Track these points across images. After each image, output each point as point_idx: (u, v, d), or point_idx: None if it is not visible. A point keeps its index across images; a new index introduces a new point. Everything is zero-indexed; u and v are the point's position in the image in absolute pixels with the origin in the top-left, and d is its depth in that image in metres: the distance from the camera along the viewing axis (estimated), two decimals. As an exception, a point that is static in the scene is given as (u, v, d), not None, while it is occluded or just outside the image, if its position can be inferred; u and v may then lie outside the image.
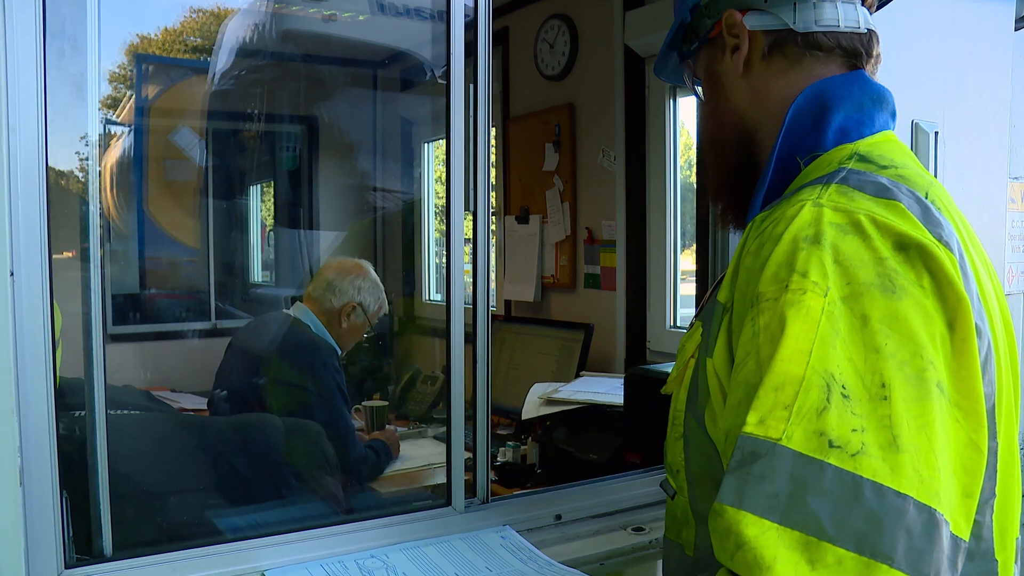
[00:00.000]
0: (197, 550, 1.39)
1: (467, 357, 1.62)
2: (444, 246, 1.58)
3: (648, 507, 1.78)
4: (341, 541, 1.49)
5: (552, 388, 2.94)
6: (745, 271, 0.99)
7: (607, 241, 3.43)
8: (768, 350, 0.89)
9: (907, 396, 0.86)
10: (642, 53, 3.19)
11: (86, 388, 1.34)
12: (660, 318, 3.29)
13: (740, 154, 1.21)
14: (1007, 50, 2.14)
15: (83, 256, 1.32)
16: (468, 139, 1.60)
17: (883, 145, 1.11)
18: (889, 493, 0.83)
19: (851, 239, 0.92)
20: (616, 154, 3.33)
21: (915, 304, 0.89)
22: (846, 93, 1.13)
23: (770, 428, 0.86)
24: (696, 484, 1.12)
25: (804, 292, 0.89)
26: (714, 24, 1.20)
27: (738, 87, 1.19)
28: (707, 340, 1.07)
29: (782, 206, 1.01)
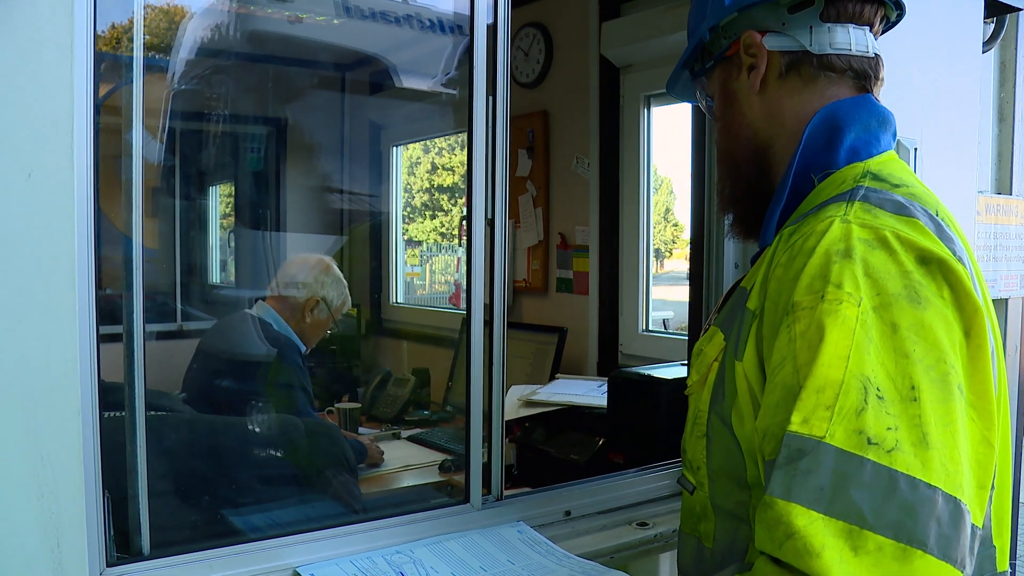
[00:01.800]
0: (230, 548, 1.42)
1: (484, 361, 1.67)
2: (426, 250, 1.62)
3: (652, 503, 1.85)
4: (367, 538, 1.53)
5: (530, 390, 3.01)
6: (776, 281, 1.07)
7: (580, 246, 3.51)
8: (806, 355, 0.97)
9: (934, 397, 0.94)
10: (617, 63, 3.28)
11: (126, 389, 1.36)
12: (632, 322, 3.38)
13: (754, 168, 1.28)
14: (975, 71, 2.27)
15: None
16: (488, 150, 1.65)
17: (890, 164, 1.19)
18: (921, 485, 0.92)
19: (879, 253, 1.01)
20: (590, 161, 3.41)
21: (938, 313, 0.98)
22: (856, 115, 1.20)
23: (814, 427, 0.94)
24: (717, 480, 1.19)
25: (840, 302, 0.97)
26: (731, 44, 1.27)
27: (753, 104, 1.26)
28: (735, 345, 1.14)
29: (810, 222, 1.09)
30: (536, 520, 1.70)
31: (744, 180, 1.30)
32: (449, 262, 5.13)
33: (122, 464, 1.36)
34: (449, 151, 4.98)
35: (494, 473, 1.68)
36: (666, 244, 4.82)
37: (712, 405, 1.18)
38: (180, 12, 3.70)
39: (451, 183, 5.01)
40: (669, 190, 4.58)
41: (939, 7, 2.10)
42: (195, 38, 3.74)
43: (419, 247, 5.11)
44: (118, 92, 1.39)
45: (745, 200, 1.31)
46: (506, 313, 1.71)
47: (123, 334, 1.35)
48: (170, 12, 3.66)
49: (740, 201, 1.32)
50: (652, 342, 3.31)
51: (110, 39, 1.44)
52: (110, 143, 1.32)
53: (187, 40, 3.78)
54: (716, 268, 2.01)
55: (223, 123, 4.10)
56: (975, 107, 2.28)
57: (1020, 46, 2.56)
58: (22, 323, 1.14)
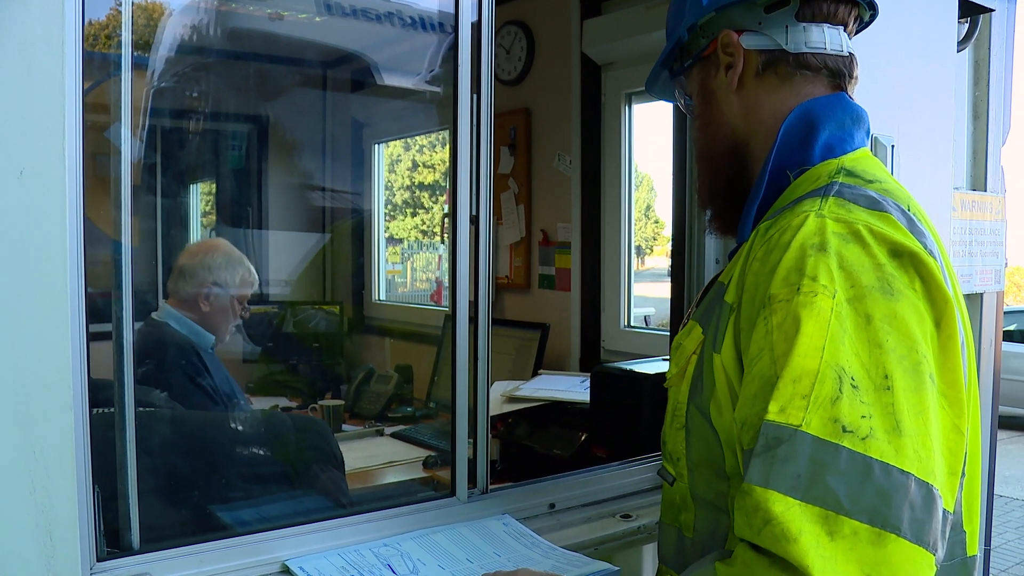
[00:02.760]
0: (219, 542, 1.44)
1: (470, 355, 1.69)
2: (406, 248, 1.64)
3: (635, 495, 1.88)
4: (354, 531, 1.55)
5: (513, 386, 3.03)
6: (753, 275, 1.10)
7: (562, 243, 3.53)
8: (783, 346, 1.01)
9: (906, 386, 0.98)
10: (599, 61, 3.31)
11: (115, 385, 1.37)
12: (614, 318, 3.41)
13: (732, 165, 1.31)
14: (950, 70, 2.31)
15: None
16: (472, 148, 1.67)
17: (863, 161, 1.23)
18: (894, 471, 0.95)
19: (852, 247, 1.04)
20: (571, 158, 3.43)
21: (910, 305, 1.02)
22: (830, 113, 1.23)
23: (790, 416, 0.97)
24: (696, 471, 1.22)
25: (815, 294, 1.00)
26: (709, 43, 1.30)
27: (731, 102, 1.29)
28: (713, 338, 1.17)
29: (786, 216, 1.12)
30: (521, 513, 1.72)
31: (723, 177, 1.33)
32: (430, 259, 5.14)
33: (112, 460, 1.37)
34: (430, 148, 4.99)
35: (479, 467, 1.71)
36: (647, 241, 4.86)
37: (691, 397, 1.21)
38: (160, 9, 3.68)
39: (432, 180, 5.03)
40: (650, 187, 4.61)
41: (915, 7, 2.14)
42: (176, 35, 3.73)
43: (400, 245, 5.12)
44: (98, 89, 1.40)
45: (724, 196, 1.34)
46: (490, 310, 1.73)
47: (112, 331, 1.36)
48: (149, 9, 3.65)
49: (719, 197, 1.35)
50: (634, 338, 3.34)
51: (88, 35, 1.45)
52: (90, 141, 1.33)
53: (167, 37, 3.76)
54: (697, 265, 2.04)
55: (204, 121, 4.09)
56: (950, 105, 2.32)
57: (993, 45, 2.60)
58: (15, 320, 1.15)
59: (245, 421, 1.91)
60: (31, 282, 1.16)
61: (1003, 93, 2.67)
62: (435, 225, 5.08)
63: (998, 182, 2.70)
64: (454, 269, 1.67)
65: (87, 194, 1.26)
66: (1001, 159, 2.70)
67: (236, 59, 3.88)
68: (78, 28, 1.20)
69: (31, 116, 1.15)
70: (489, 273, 1.71)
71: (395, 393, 3.40)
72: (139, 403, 1.42)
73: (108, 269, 1.36)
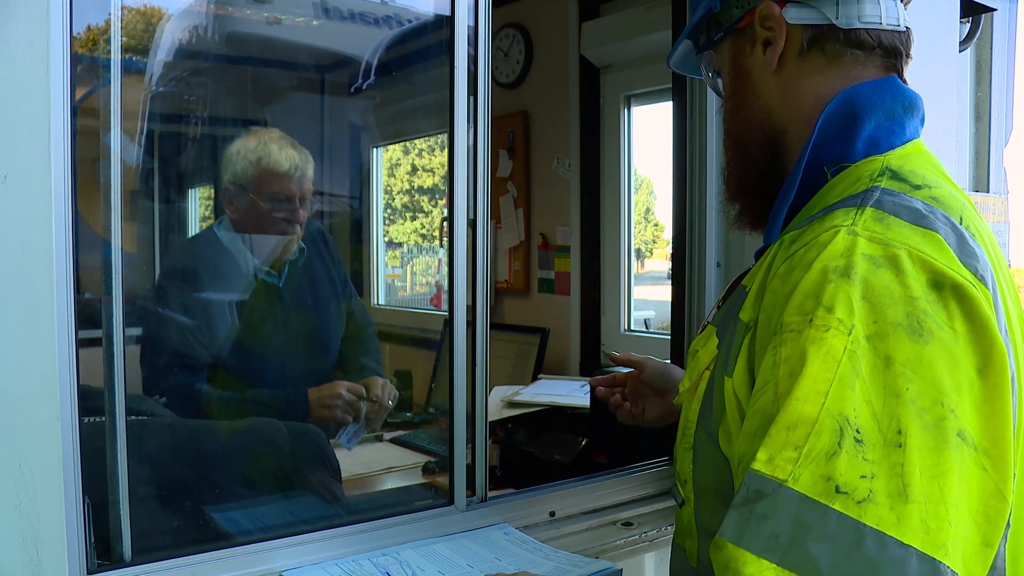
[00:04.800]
0: (213, 553, 1.41)
1: (468, 362, 1.67)
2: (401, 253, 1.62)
3: (636, 503, 1.86)
4: (352, 541, 1.52)
5: (512, 391, 3.00)
6: (772, 294, 0.98)
7: (561, 246, 3.51)
8: (786, 385, 0.89)
9: (923, 444, 0.84)
10: (597, 63, 3.29)
11: (106, 394, 1.34)
12: (614, 322, 3.39)
13: (766, 155, 1.16)
14: (952, 70, 2.29)
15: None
16: (469, 151, 1.65)
17: (914, 159, 1.07)
18: (892, 543, 0.82)
19: (884, 273, 0.90)
20: (571, 161, 3.41)
21: (942, 349, 0.87)
22: (877, 100, 1.08)
23: (777, 468, 0.85)
24: (702, 496, 1.12)
25: (827, 329, 0.88)
26: (744, 14, 1.15)
27: (768, 83, 1.14)
28: (726, 357, 1.05)
29: (814, 228, 0.98)
30: (521, 521, 1.70)
31: (754, 168, 1.18)
32: (430, 263, 5.12)
33: (103, 470, 1.34)
34: (429, 152, 4.97)
35: (478, 474, 1.68)
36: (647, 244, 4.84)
37: (700, 418, 1.11)
38: (158, 14, 3.66)
39: (431, 184, 5.00)
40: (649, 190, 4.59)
41: (917, 7, 2.11)
42: (173, 40, 3.71)
43: (400, 248, 5.09)
44: (96, 94, 1.38)
45: (754, 190, 1.20)
46: (488, 314, 1.70)
47: (103, 338, 1.34)
48: (147, 14, 3.63)
49: (749, 190, 1.21)
50: (634, 342, 3.32)
51: (87, 41, 1.43)
52: (89, 146, 1.31)
53: (165, 42, 3.75)
54: (698, 268, 2.02)
55: (202, 125, 4.07)
56: (953, 105, 2.30)
57: (995, 45, 2.58)
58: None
59: (237, 428, 1.88)
60: (15, 288, 1.13)
61: (1005, 93, 2.65)
62: (435, 229, 5.06)
63: (1001, 183, 2.68)
64: (451, 273, 1.65)
65: (84, 200, 1.24)
66: (1004, 160, 2.68)
67: (234, 63, 3.87)
68: (65, 30, 1.18)
69: (15, 120, 1.13)
70: (487, 277, 1.69)
71: (400, 399, 3.38)
72: (131, 411, 1.40)
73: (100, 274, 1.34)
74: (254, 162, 2.08)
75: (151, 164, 3.98)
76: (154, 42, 3.66)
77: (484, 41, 1.64)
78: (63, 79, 1.18)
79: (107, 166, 1.33)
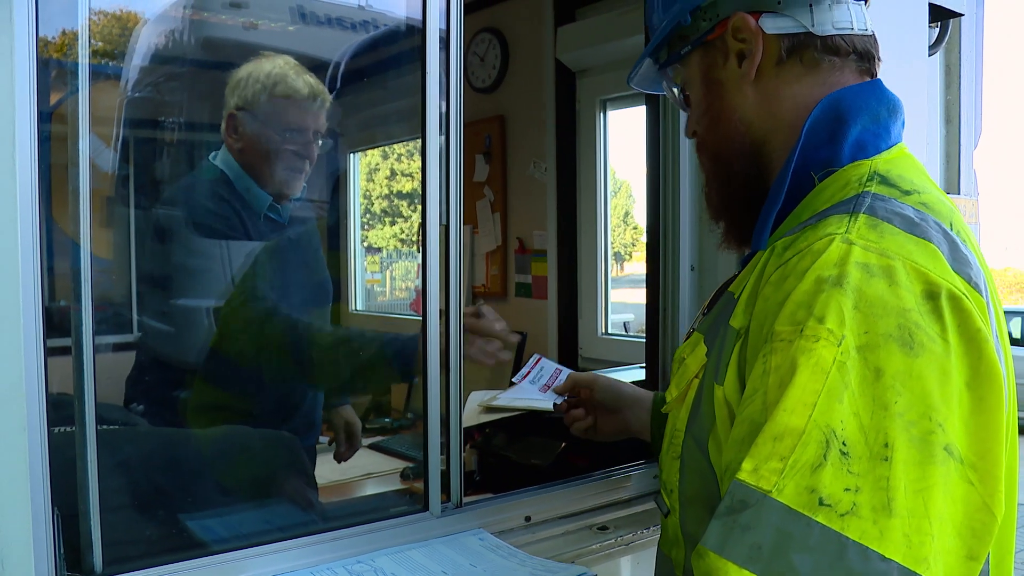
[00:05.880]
0: (186, 563, 1.40)
1: (441, 367, 1.66)
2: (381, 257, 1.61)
3: (612, 507, 1.86)
4: (326, 548, 1.51)
5: (490, 395, 3.00)
6: (764, 301, 0.97)
7: (538, 250, 3.52)
8: (775, 395, 0.88)
9: (909, 458, 0.84)
10: (573, 67, 3.30)
11: (76, 403, 1.33)
12: (591, 326, 3.39)
13: (749, 167, 1.15)
14: (923, 74, 2.31)
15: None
16: (441, 156, 1.65)
17: (900, 163, 1.07)
18: (874, 556, 0.82)
19: (877, 283, 0.89)
20: (547, 165, 3.42)
21: (933, 361, 0.86)
22: (862, 104, 1.08)
23: (762, 478, 0.85)
24: (688, 506, 1.10)
25: (817, 340, 0.87)
26: (714, 26, 1.13)
27: (745, 95, 1.13)
28: (716, 365, 1.04)
29: (807, 235, 0.97)
30: (496, 526, 1.69)
31: (738, 182, 1.16)
32: (409, 268, 5.11)
33: (73, 480, 1.33)
34: (408, 157, 4.96)
35: (453, 480, 1.68)
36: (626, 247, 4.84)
37: (689, 426, 1.09)
38: (133, 18, 3.63)
39: (410, 189, 5.00)
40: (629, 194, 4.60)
41: (886, 12, 2.13)
42: (148, 45, 3.68)
43: (379, 254, 5.08)
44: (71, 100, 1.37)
45: (739, 204, 1.17)
46: (462, 319, 1.70)
47: (72, 345, 1.32)
48: (122, 18, 3.60)
49: (733, 206, 1.18)
50: (612, 345, 3.33)
51: (61, 45, 1.42)
52: (64, 152, 1.29)
53: (140, 47, 3.71)
54: (672, 271, 2.02)
55: (178, 131, 4.05)
56: (923, 109, 2.32)
57: (963, 50, 2.61)
58: (-37, 337, 1.11)
59: (211, 436, 1.86)
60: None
61: (974, 97, 2.68)
62: (414, 234, 5.05)
63: (971, 185, 2.70)
64: (425, 277, 1.65)
65: (56, 207, 1.22)
66: (973, 162, 2.71)
67: (211, 68, 3.85)
68: (31, 32, 1.17)
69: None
70: (460, 281, 1.68)
71: (372, 404, 3.36)
72: (102, 420, 1.39)
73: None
74: (270, 87, 1.88)
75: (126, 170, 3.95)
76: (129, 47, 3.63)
77: (456, 46, 1.64)
78: (28, 84, 1.17)
79: (75, 172, 1.32)
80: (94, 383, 1.34)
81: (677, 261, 2.00)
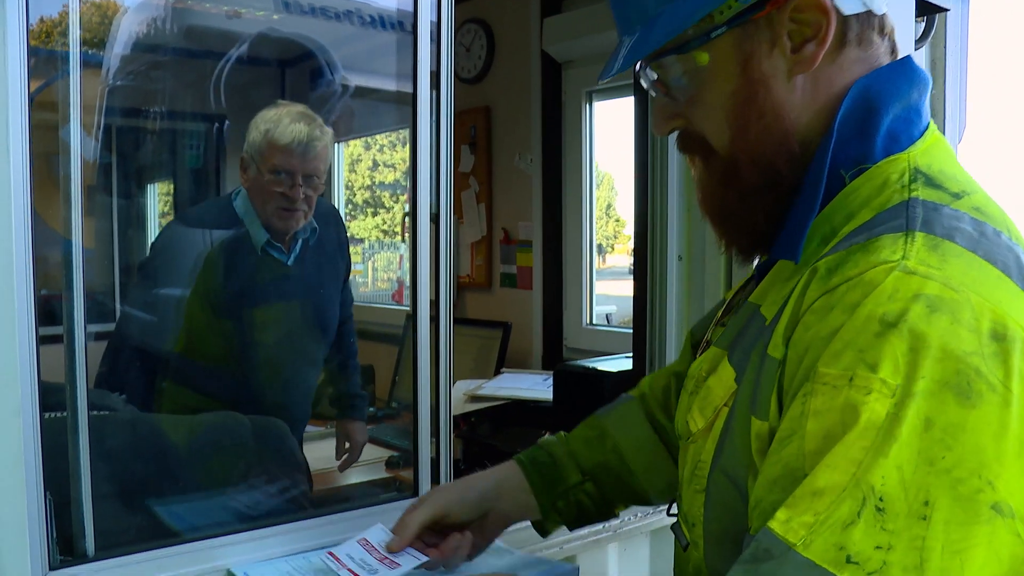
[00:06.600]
0: (178, 547, 1.41)
1: (431, 356, 1.68)
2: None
3: (599, 494, 1.87)
4: (313, 535, 1.52)
5: (476, 385, 3.02)
6: (804, 329, 0.86)
7: (523, 241, 3.53)
8: (816, 444, 0.81)
9: (951, 518, 0.76)
10: (559, 59, 3.30)
11: (67, 389, 1.34)
12: (576, 316, 3.41)
13: (794, 174, 0.97)
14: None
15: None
16: (432, 146, 1.66)
17: (938, 153, 0.96)
18: None
19: (938, 321, 0.79)
20: (532, 156, 3.43)
21: (991, 412, 0.77)
22: (894, 89, 0.94)
23: (790, 530, 0.79)
24: (715, 543, 1.02)
25: (869, 392, 0.78)
26: (758, 4, 0.93)
27: (794, 87, 0.95)
28: (753, 397, 0.92)
29: (857, 260, 0.85)
30: (484, 513, 1.70)
31: (781, 191, 0.98)
32: (391, 259, 5.11)
33: (65, 466, 1.33)
34: (391, 148, 4.96)
35: (443, 467, 1.69)
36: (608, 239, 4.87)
37: (716, 460, 0.99)
38: (114, 7, 3.61)
39: (393, 180, 4.99)
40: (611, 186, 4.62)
41: (872, 5, 2.16)
42: (130, 33, 3.66)
43: (361, 244, 5.08)
44: (50, 87, 1.37)
45: (766, 212, 1.00)
46: (452, 308, 1.71)
47: (63, 333, 1.33)
48: (103, 7, 3.58)
49: (759, 214, 1.00)
50: (596, 336, 3.34)
51: (39, 33, 1.41)
52: (42, 141, 1.29)
53: (122, 35, 3.69)
54: (660, 261, 2.04)
55: (160, 120, 4.02)
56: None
57: (949, 45, 2.63)
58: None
59: (201, 423, 1.87)
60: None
61: (959, 92, 2.70)
62: (396, 225, 5.05)
63: (954, 179, 2.73)
64: (414, 267, 1.66)
65: (39, 194, 1.22)
66: (959, 157, 2.73)
67: (193, 57, 3.83)
68: (22, 20, 1.17)
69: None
70: (450, 271, 1.70)
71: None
72: (94, 406, 1.39)
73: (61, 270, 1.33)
74: (263, 132, 2.08)
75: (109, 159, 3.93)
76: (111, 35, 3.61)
77: (446, 36, 1.65)
78: (20, 73, 1.17)
79: (67, 160, 1.33)
80: (86, 370, 1.34)
81: (665, 251, 2.02)
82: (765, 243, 1.01)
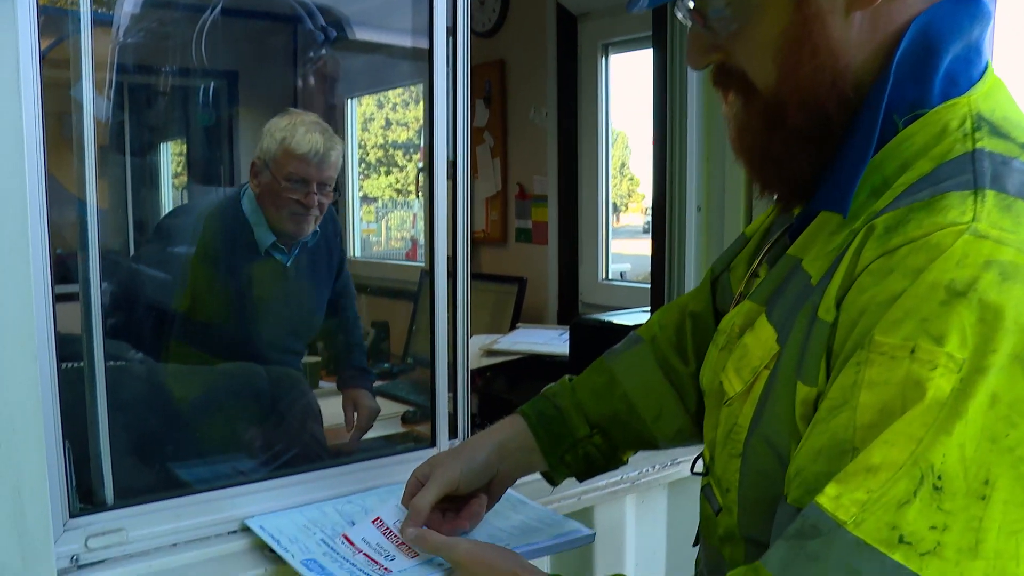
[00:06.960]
0: (195, 496, 1.42)
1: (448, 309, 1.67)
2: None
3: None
4: (332, 484, 1.53)
5: (491, 340, 3.02)
6: (859, 292, 0.80)
7: (538, 196, 3.51)
8: (871, 418, 0.76)
9: (1009, 499, 0.72)
10: (575, 11, 3.26)
11: (84, 339, 1.34)
12: (592, 271, 3.40)
13: (847, 119, 0.89)
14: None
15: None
16: (448, 94, 1.63)
17: (999, 98, 0.88)
18: None
19: (1010, 289, 0.73)
20: (547, 110, 3.39)
21: None
22: (955, 26, 0.86)
23: (841, 508, 0.75)
24: (750, 510, 0.96)
25: (935, 367, 0.73)
26: None
27: (851, 24, 0.87)
28: (800, 360, 0.87)
29: (921, 220, 0.79)
30: (501, 467, 1.70)
31: (830, 137, 0.91)
32: (405, 218, 5.09)
33: (83, 417, 1.34)
34: (403, 107, 4.92)
35: (460, 420, 1.69)
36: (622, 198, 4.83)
37: (755, 423, 0.93)
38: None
39: (406, 138, 4.97)
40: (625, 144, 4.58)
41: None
42: (140, -11, 3.63)
43: (375, 203, 5.06)
44: (60, 46, 1.35)
45: (817, 162, 0.93)
46: (469, 263, 1.70)
47: (79, 282, 1.33)
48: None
49: (804, 160, 0.93)
50: (612, 291, 3.33)
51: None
52: (52, 100, 1.28)
53: (131, -8, 3.66)
54: (679, 211, 2.01)
55: (172, 78, 4.00)
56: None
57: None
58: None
59: (219, 373, 1.87)
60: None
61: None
62: (409, 183, 5.03)
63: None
64: (431, 223, 1.64)
65: (51, 154, 1.21)
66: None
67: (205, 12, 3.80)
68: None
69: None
70: (467, 225, 1.68)
71: (372, 349, 3.37)
72: (110, 357, 1.39)
73: (75, 229, 1.33)
74: (279, 140, 2.12)
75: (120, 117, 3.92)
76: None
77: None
78: (30, 30, 1.16)
79: (79, 118, 1.32)
80: (102, 319, 1.34)
81: (684, 201, 1.99)
82: (806, 192, 0.94)
